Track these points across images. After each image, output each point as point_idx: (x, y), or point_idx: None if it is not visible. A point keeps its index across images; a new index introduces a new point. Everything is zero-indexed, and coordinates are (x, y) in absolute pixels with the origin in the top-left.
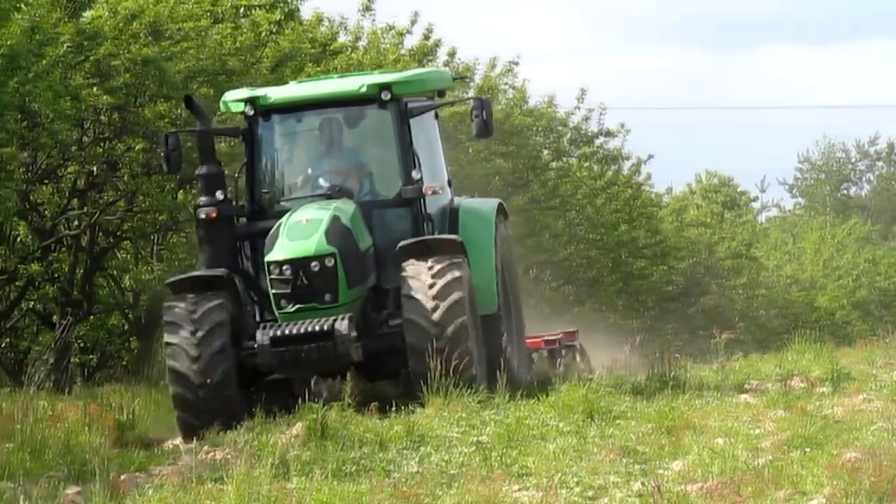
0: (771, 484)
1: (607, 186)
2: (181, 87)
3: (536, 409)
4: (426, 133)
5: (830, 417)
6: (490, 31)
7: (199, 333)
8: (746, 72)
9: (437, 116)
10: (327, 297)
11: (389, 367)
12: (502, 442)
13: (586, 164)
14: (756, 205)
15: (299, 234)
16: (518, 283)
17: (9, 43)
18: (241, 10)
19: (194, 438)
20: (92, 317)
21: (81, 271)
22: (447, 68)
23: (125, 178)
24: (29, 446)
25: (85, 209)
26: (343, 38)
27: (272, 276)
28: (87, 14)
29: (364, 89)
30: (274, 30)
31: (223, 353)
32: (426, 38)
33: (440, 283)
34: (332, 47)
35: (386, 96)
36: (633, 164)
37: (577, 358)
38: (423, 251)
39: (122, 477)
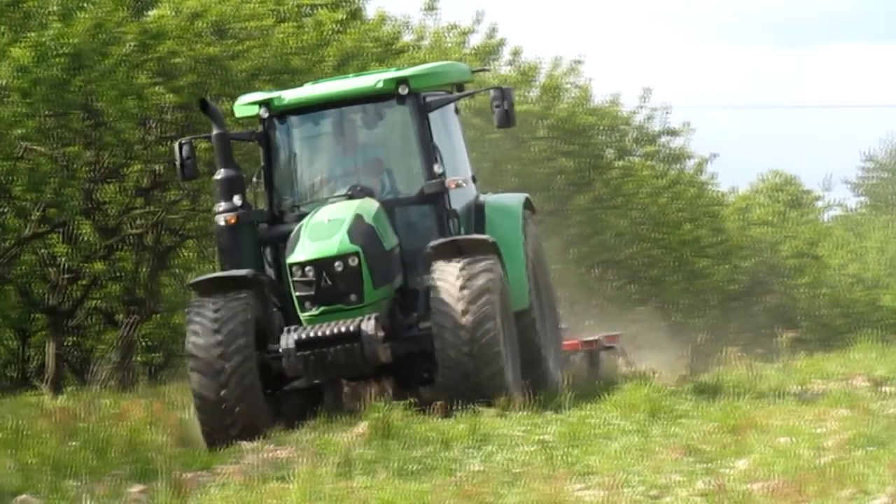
0: (834, 483)
1: (671, 185)
2: (245, 86)
3: (599, 408)
4: (447, 128)
5: (894, 417)
6: (555, 30)
7: (223, 331)
8: (811, 70)
9: (457, 111)
10: (352, 297)
11: (420, 371)
12: (565, 441)
13: (650, 163)
14: (820, 203)
15: (321, 235)
16: (550, 278)
17: (73, 42)
18: (305, 8)
19: (216, 444)
20: (156, 315)
21: (145, 270)
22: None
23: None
24: (93, 445)
25: (149, 208)
26: (407, 38)
27: (295, 279)
28: (152, 13)
29: (380, 85)
30: (337, 29)
31: (246, 352)
32: (490, 37)
33: (471, 286)
34: (395, 46)
35: (403, 91)
36: (696, 163)
37: (619, 361)
38: (453, 252)
39: (186, 475)
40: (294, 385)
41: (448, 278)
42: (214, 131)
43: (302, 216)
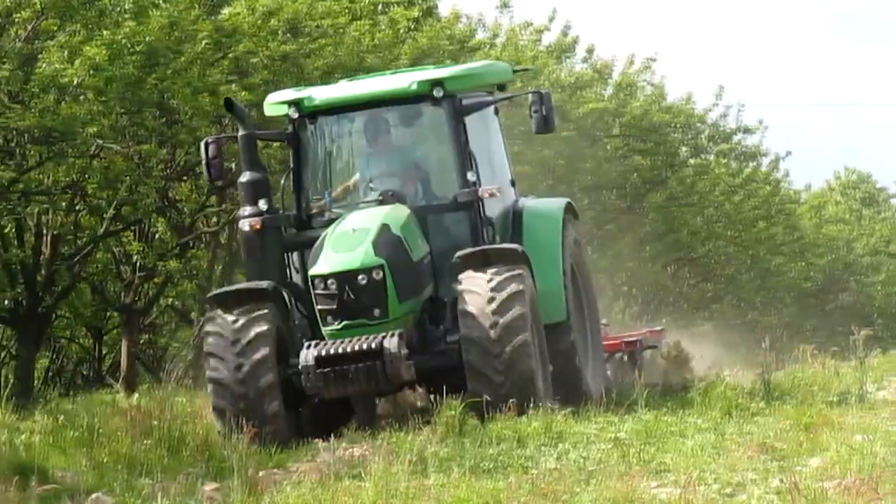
0: None
1: (745, 183)
2: (319, 84)
3: (674, 406)
4: (486, 131)
5: None
6: (628, 27)
7: (241, 343)
8: (886, 66)
9: (497, 112)
10: (376, 312)
11: (447, 386)
12: (640, 438)
13: (724, 161)
14: (895, 201)
15: (345, 246)
16: (593, 288)
17: (147, 40)
18: (380, 6)
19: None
20: None
21: (220, 268)
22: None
23: None
24: (167, 443)
25: (223, 206)
26: (481, 35)
27: (317, 291)
28: (226, 11)
29: (414, 86)
30: (412, 27)
31: (266, 365)
32: (564, 34)
33: (500, 297)
34: (469, 44)
35: (438, 93)
36: (770, 161)
37: (663, 360)
38: (481, 262)
39: (261, 473)
40: (317, 400)
41: (476, 289)
42: (240, 131)
43: (331, 221)
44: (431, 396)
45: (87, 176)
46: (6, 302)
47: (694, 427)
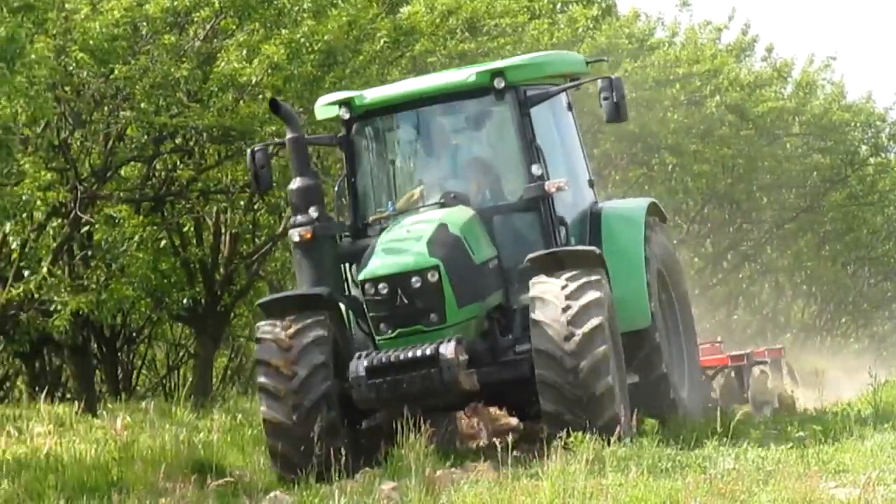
0: None
1: None
2: None
3: (852, 407)
4: (557, 125)
5: None
6: (807, 26)
7: (295, 349)
8: None
9: (570, 107)
10: (432, 317)
11: (522, 399)
12: (818, 439)
13: None
14: None
15: (398, 247)
16: (687, 294)
17: (326, 39)
18: (559, 5)
19: (291, 474)
20: None
21: None
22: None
23: None
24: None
25: None
26: (660, 34)
27: (368, 297)
28: (404, 10)
29: (473, 78)
30: (591, 25)
31: (321, 373)
32: (743, 33)
33: (576, 306)
34: (648, 43)
35: (499, 84)
36: None
37: (782, 379)
38: (554, 265)
39: (438, 473)
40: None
41: (548, 296)
42: (288, 135)
43: (388, 228)
44: (514, 419)
45: None
46: (185, 301)
47: (873, 427)
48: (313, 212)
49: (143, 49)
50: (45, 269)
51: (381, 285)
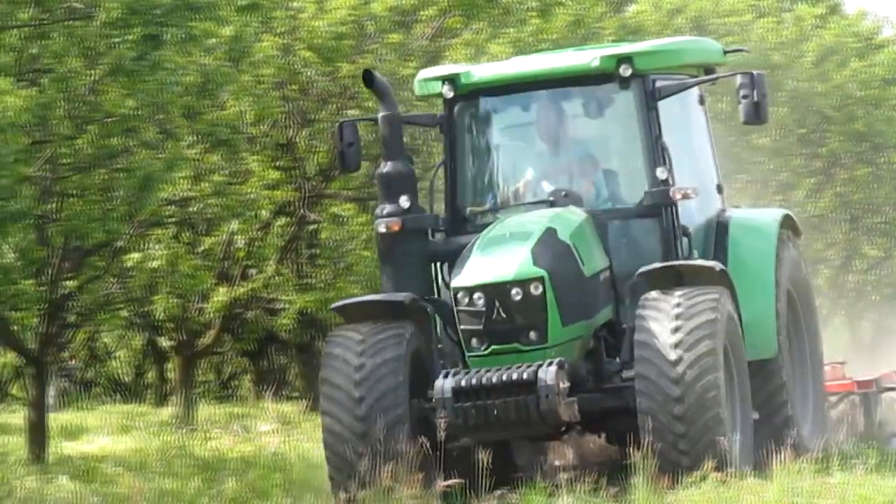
0: None
1: None
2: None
3: None
4: (687, 123)
5: None
6: None
7: (365, 370)
8: None
9: (702, 102)
10: (532, 335)
11: (619, 431)
12: None
13: None
14: None
15: (498, 252)
16: (816, 315)
17: (552, 37)
18: (785, 3)
19: None
20: None
21: None
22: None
23: None
24: None
25: None
26: (887, 33)
27: (460, 308)
28: (631, 8)
29: (597, 63)
30: (817, 24)
31: (393, 398)
32: None
33: (687, 327)
34: (875, 41)
35: (625, 71)
36: None
37: None
38: (669, 281)
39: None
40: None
41: (659, 316)
42: (381, 112)
43: (488, 225)
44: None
45: None
46: None
47: None
48: (404, 201)
49: (369, 48)
50: (271, 268)
51: (475, 295)
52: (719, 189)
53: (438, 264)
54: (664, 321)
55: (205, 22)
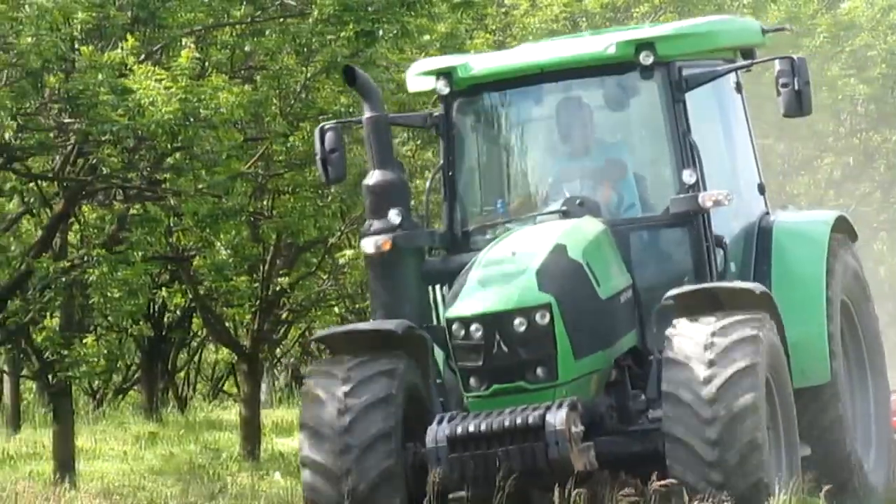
0: None
1: None
2: None
3: None
4: (721, 115)
5: None
6: None
7: (351, 412)
8: None
9: (739, 88)
10: (539, 371)
11: (645, 472)
12: None
13: None
14: None
15: (498, 276)
16: (876, 331)
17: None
18: None
19: None
20: None
21: None
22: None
23: (881, 168)
24: None
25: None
26: None
27: (456, 341)
28: (845, 5)
29: (614, 50)
30: None
31: (382, 447)
32: None
33: (724, 361)
34: None
35: (647, 59)
36: None
37: None
38: (703, 305)
39: None
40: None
41: (690, 347)
42: (366, 113)
43: (492, 241)
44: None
45: None
46: None
47: None
48: (395, 216)
49: None
50: None
51: (473, 327)
52: (761, 189)
53: (437, 287)
54: (698, 353)
55: (418, 18)
